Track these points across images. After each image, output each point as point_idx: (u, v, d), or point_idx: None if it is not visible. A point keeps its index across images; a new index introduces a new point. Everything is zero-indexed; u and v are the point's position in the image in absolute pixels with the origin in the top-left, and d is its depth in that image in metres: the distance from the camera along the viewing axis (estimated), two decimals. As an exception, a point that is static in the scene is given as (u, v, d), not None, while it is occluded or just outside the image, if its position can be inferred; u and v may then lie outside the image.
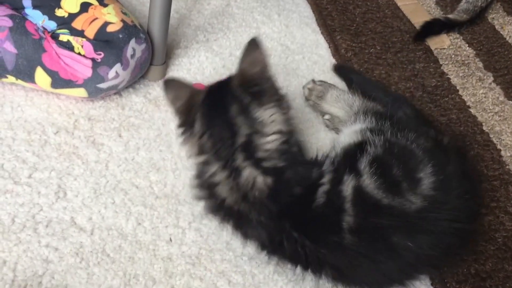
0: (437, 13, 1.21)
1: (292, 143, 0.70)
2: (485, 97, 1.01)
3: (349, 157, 0.72)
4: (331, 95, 0.92)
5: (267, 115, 0.68)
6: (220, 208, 0.70)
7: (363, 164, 0.69)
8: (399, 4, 1.22)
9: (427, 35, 1.12)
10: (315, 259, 0.67)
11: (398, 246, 0.64)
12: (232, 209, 0.68)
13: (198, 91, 0.72)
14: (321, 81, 0.96)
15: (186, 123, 0.71)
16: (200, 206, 0.76)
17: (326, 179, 0.68)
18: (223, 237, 0.75)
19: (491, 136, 0.93)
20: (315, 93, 0.94)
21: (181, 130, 0.72)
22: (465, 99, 1.00)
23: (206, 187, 0.70)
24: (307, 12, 1.18)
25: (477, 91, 1.02)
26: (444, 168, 0.69)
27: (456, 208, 0.66)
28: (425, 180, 0.67)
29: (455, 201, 0.67)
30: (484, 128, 0.95)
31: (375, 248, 0.65)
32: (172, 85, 0.72)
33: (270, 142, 0.68)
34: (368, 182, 0.66)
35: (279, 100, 0.71)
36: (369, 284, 0.69)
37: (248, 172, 0.66)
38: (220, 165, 0.68)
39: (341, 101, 0.91)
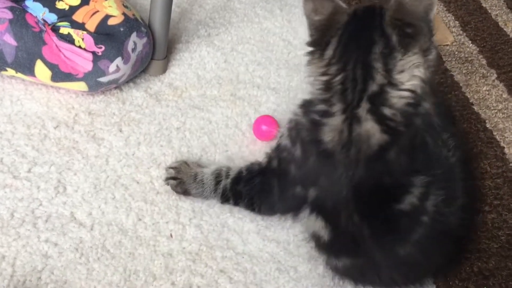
0: (440, 9, 1.21)
1: (420, 111, 0.60)
2: (488, 94, 1.00)
3: None
4: None
5: (409, 65, 0.60)
6: (311, 144, 0.63)
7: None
8: (402, 0, 1.21)
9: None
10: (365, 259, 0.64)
11: None
12: (325, 152, 0.61)
13: (342, 8, 0.64)
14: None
15: (318, 43, 0.64)
16: (201, 202, 0.76)
17: (416, 191, 0.61)
18: (224, 234, 0.74)
19: (495, 133, 0.92)
20: None
21: (310, 49, 0.64)
22: (468, 96, 0.99)
23: (310, 122, 0.64)
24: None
25: (481, 88, 1.01)
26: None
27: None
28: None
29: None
30: (488, 125, 0.94)
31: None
32: None
33: (399, 98, 0.60)
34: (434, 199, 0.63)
35: (428, 51, 0.61)
36: None
37: (370, 126, 0.59)
38: (341, 108, 0.61)
39: None
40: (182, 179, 0.76)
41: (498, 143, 0.91)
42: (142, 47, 0.86)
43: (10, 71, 0.82)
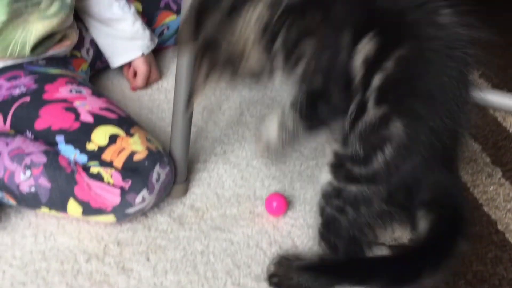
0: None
1: None
2: (496, 193, 1.04)
3: None
4: None
5: None
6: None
7: None
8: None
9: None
10: None
11: None
12: None
13: None
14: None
15: None
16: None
17: None
18: None
19: (507, 235, 0.95)
20: None
21: None
22: (477, 197, 1.03)
23: None
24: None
25: (488, 188, 1.05)
26: None
27: None
28: None
29: None
30: (499, 227, 0.97)
31: None
32: None
33: None
34: None
35: None
36: None
37: None
38: None
39: None
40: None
41: (512, 246, 0.94)
42: (165, 176, 0.92)
43: (44, 210, 0.88)
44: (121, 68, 1.26)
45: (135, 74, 1.25)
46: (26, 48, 0.98)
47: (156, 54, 1.34)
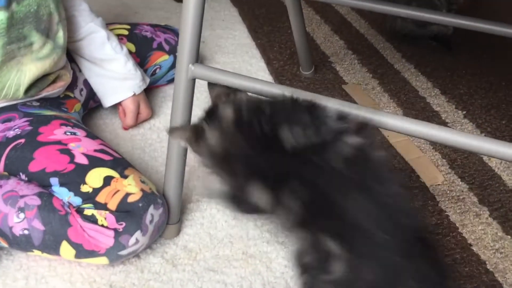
0: (427, 148, 1.31)
1: None
2: (484, 233, 1.06)
3: None
4: None
5: None
6: None
7: None
8: (391, 141, 1.32)
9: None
10: None
11: None
12: None
13: None
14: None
15: None
16: None
17: None
18: None
19: (496, 275, 0.97)
20: None
21: None
22: (466, 237, 1.05)
23: None
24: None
25: (476, 228, 1.07)
26: None
27: None
28: None
29: None
30: (488, 267, 0.99)
31: None
32: None
33: None
34: None
35: None
36: None
37: None
38: None
39: None
40: None
41: (501, 286, 0.95)
42: (158, 217, 0.92)
43: (37, 252, 0.87)
44: (114, 107, 1.27)
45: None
46: (20, 90, 1.00)
47: (148, 93, 1.36)
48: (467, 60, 1.72)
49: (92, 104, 1.30)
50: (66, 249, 0.86)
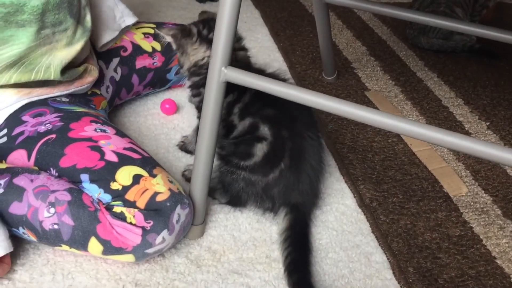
0: (451, 158, 1.30)
1: None
2: (508, 246, 1.06)
3: None
4: None
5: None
6: None
7: None
8: (414, 150, 1.31)
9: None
10: None
11: None
12: None
13: None
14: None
15: None
16: None
17: None
18: None
19: (521, 289, 0.96)
20: None
21: None
22: (490, 249, 1.05)
23: None
24: (331, 161, 1.27)
25: (500, 241, 1.07)
26: None
27: None
28: None
29: None
30: (513, 280, 0.98)
31: None
32: None
33: None
34: None
35: None
36: None
37: None
38: None
39: None
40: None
41: (526, 300, 0.94)
42: (185, 217, 0.93)
43: (64, 247, 0.88)
44: (138, 106, 1.28)
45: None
46: (51, 70, 1.00)
47: (172, 92, 1.37)
48: (489, 71, 1.72)
49: (117, 101, 1.30)
50: (94, 245, 0.86)
